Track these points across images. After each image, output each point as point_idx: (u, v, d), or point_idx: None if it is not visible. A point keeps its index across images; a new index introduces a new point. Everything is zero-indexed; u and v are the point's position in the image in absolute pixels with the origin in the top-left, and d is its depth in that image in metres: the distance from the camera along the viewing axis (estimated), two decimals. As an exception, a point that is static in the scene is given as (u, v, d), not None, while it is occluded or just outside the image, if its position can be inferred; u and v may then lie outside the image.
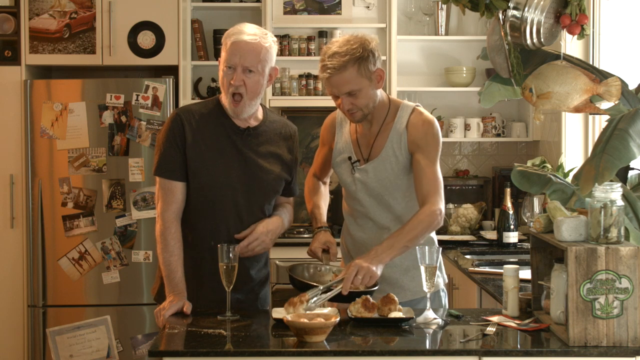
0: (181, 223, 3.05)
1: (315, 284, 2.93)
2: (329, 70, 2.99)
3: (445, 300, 3.24)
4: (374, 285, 2.89)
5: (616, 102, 2.80)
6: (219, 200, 3.03)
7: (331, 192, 3.85)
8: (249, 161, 3.07)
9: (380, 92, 3.10)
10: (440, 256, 3.22)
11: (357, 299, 2.80)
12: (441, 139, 3.11)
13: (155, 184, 3.08)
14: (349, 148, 3.19)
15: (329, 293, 2.81)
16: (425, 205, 2.99)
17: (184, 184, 3.03)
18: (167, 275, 3.00)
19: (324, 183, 3.44)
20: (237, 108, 3.02)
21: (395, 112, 3.12)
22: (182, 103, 4.92)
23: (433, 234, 3.21)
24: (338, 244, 3.18)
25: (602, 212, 2.51)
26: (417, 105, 3.15)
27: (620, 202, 2.52)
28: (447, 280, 3.29)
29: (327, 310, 2.73)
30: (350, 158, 3.16)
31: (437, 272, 3.13)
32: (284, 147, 3.16)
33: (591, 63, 4.13)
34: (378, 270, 2.84)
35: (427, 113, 3.12)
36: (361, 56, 2.97)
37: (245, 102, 3.01)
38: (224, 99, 3.05)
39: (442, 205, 3.02)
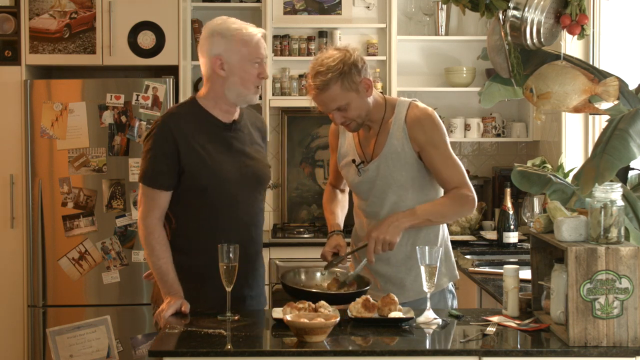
0: (183, 226, 3.05)
1: (308, 289, 2.94)
2: (313, 91, 3.00)
3: (451, 302, 3.22)
4: (366, 285, 2.97)
5: (615, 102, 2.79)
6: (221, 198, 3.03)
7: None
8: (240, 154, 3.09)
9: (372, 96, 3.08)
10: (452, 256, 3.22)
11: (357, 299, 2.81)
12: (444, 127, 3.11)
13: (139, 189, 3.06)
14: (352, 151, 3.19)
15: (357, 269, 3.04)
16: (455, 190, 3.03)
17: (169, 192, 3.02)
18: (159, 278, 3.01)
19: (342, 191, 3.43)
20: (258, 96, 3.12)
21: (392, 110, 3.12)
22: (182, 103, 4.92)
23: (446, 233, 3.22)
24: (349, 246, 3.20)
25: (602, 212, 2.51)
26: (414, 100, 3.15)
27: (620, 202, 2.52)
28: (457, 278, 3.27)
29: (329, 310, 2.73)
30: (354, 161, 3.16)
31: (443, 271, 3.13)
32: (259, 137, 3.22)
33: (591, 63, 4.13)
34: (395, 236, 2.94)
35: (424, 106, 3.12)
36: (342, 71, 2.96)
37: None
38: (242, 85, 3.03)
39: (472, 191, 3.06)
